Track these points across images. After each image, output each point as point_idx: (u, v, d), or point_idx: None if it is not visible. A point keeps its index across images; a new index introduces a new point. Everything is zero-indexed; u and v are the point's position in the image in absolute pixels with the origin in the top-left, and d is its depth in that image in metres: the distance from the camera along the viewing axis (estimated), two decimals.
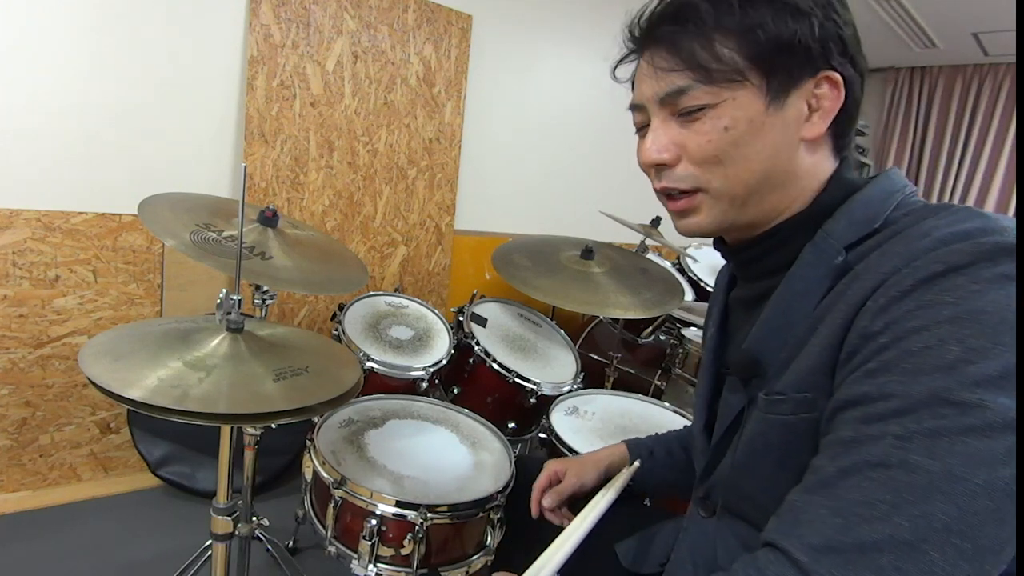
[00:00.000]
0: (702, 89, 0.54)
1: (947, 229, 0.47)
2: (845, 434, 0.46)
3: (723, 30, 0.53)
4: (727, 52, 0.53)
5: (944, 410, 0.41)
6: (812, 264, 0.55)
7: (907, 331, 0.44)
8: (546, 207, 2.53)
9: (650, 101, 0.59)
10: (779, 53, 0.53)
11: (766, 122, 0.54)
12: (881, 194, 0.55)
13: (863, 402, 0.45)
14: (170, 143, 1.64)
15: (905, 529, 0.40)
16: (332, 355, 0.94)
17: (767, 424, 0.56)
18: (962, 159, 3.39)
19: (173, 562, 1.28)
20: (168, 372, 0.73)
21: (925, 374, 0.43)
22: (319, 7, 1.75)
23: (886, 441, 0.43)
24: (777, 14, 0.52)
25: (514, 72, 2.29)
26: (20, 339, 1.52)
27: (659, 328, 2.07)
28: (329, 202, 1.90)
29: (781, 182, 0.57)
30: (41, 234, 1.49)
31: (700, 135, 0.55)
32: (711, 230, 0.60)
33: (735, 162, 0.55)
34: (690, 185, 0.58)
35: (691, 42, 0.54)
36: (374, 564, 0.96)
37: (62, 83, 1.47)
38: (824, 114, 0.55)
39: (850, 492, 0.44)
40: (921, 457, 0.41)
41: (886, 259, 0.49)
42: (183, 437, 1.67)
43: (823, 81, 0.54)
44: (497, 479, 1.07)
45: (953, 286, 0.44)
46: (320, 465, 1.02)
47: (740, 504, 0.63)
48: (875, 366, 0.45)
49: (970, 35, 2.93)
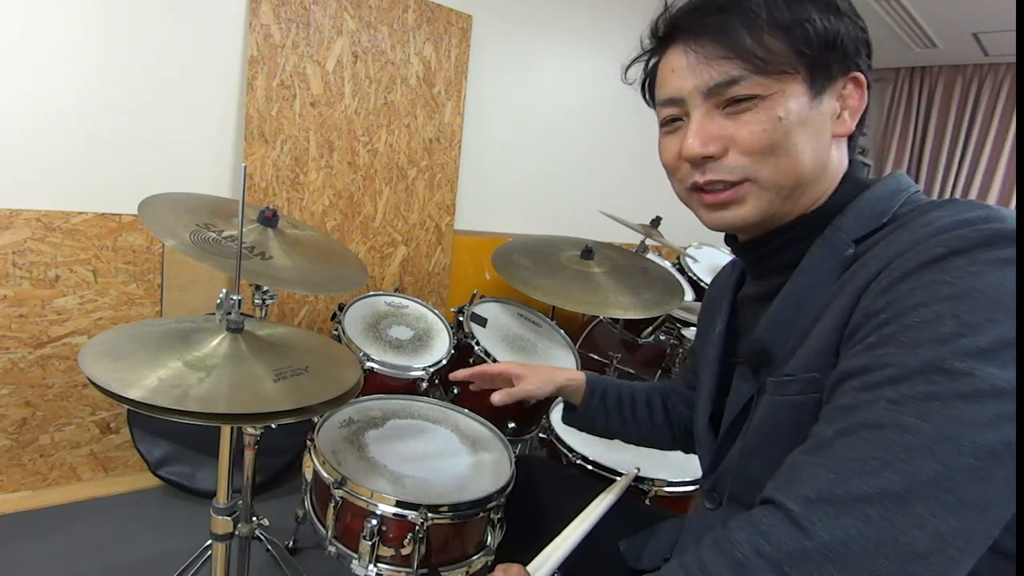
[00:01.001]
0: (755, 79, 0.54)
1: (950, 218, 0.49)
2: (843, 402, 0.48)
3: (773, 23, 0.54)
4: (776, 44, 0.54)
5: (936, 377, 0.43)
6: (822, 258, 0.57)
7: (907, 307, 0.46)
8: (546, 207, 2.53)
9: (692, 92, 0.58)
10: (824, 49, 0.54)
11: (810, 115, 0.56)
12: (889, 192, 0.57)
13: (862, 372, 0.47)
14: (170, 143, 1.64)
15: (894, 483, 0.42)
16: (332, 355, 0.94)
17: (775, 406, 0.58)
18: (962, 159, 3.39)
19: (173, 562, 1.28)
20: (168, 372, 0.73)
21: (920, 346, 0.45)
22: (319, 7, 1.75)
23: (880, 405, 0.45)
24: (822, 12, 0.54)
25: (514, 72, 2.29)
26: (20, 339, 1.52)
27: (659, 328, 2.07)
28: (329, 202, 1.90)
29: (819, 175, 0.59)
30: (41, 234, 1.49)
31: (754, 124, 0.55)
32: (754, 221, 0.60)
33: (787, 152, 0.56)
34: (739, 176, 0.57)
35: (742, 32, 0.55)
36: (374, 564, 0.96)
37: (62, 83, 1.47)
38: (853, 112, 0.57)
39: (844, 451, 0.46)
40: (913, 419, 0.43)
41: (890, 246, 0.51)
42: (183, 437, 1.67)
43: (850, 81, 0.57)
44: (497, 479, 1.07)
45: (953, 267, 0.46)
46: (320, 465, 1.02)
47: (746, 490, 0.64)
48: (875, 340, 0.48)
49: (970, 35, 2.93)
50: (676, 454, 1.28)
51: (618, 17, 2.46)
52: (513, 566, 0.68)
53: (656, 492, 1.12)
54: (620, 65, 0.69)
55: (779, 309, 0.60)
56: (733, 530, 0.50)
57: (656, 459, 1.23)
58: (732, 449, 0.66)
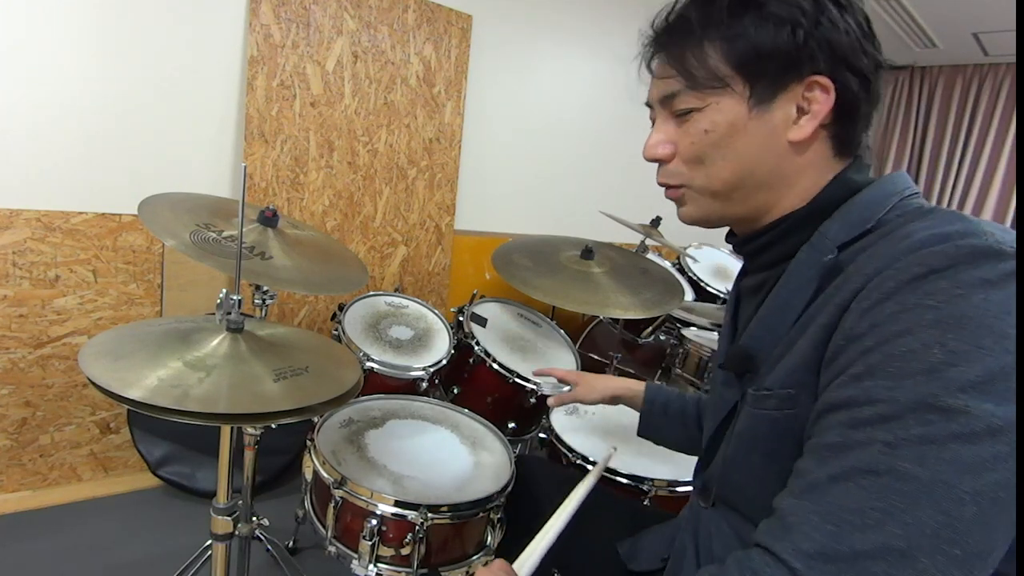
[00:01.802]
0: (690, 94, 0.59)
1: (927, 231, 0.48)
2: (832, 439, 0.47)
3: (710, 39, 0.57)
4: (713, 61, 0.57)
5: (930, 416, 0.42)
6: (806, 264, 0.57)
7: (891, 334, 0.45)
8: (546, 207, 2.53)
9: (654, 101, 0.64)
10: (759, 60, 0.56)
11: (748, 125, 0.57)
12: (879, 196, 0.56)
13: (849, 406, 0.46)
14: (170, 143, 1.64)
15: (898, 537, 0.41)
16: (332, 355, 0.94)
17: (755, 419, 0.59)
18: (962, 159, 3.39)
19: (173, 562, 1.29)
20: (168, 372, 0.73)
21: (909, 378, 0.43)
22: (319, 7, 1.75)
23: (875, 448, 0.44)
24: (760, 24, 0.55)
25: (514, 72, 2.29)
26: (20, 339, 1.52)
27: (659, 328, 2.07)
28: (329, 202, 1.90)
29: (765, 182, 0.60)
30: (41, 234, 1.49)
31: (687, 135, 0.61)
32: (698, 220, 0.65)
33: (714, 162, 0.60)
34: (677, 181, 0.63)
35: (683, 50, 0.59)
36: (374, 564, 0.96)
37: (62, 83, 1.47)
38: (812, 117, 0.57)
39: (840, 498, 0.44)
40: (910, 464, 0.42)
41: (871, 260, 0.50)
42: (183, 437, 1.67)
43: (814, 85, 0.56)
44: (497, 479, 1.07)
45: (935, 289, 0.44)
46: (320, 465, 1.02)
47: (732, 496, 0.65)
48: (860, 369, 0.46)
49: (970, 35, 2.92)
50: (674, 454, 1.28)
51: (618, 17, 2.45)
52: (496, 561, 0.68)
53: (655, 492, 1.12)
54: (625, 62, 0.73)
55: (764, 314, 0.60)
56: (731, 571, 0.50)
57: (654, 459, 1.23)
58: (717, 454, 0.67)
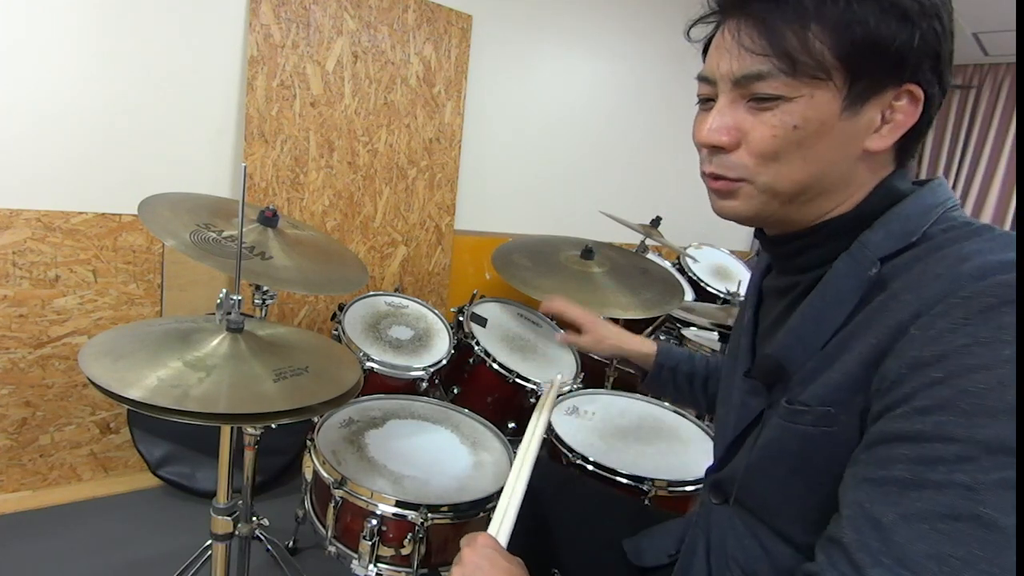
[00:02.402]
0: (782, 79, 0.51)
1: (991, 256, 0.46)
2: (899, 474, 0.45)
3: (821, 20, 0.49)
4: (818, 45, 0.50)
5: (1007, 459, 0.41)
6: (845, 275, 0.54)
7: (963, 368, 0.43)
8: (546, 207, 2.53)
9: (723, 78, 0.55)
10: (872, 56, 0.49)
11: (836, 127, 0.52)
12: (922, 207, 0.53)
13: (916, 440, 0.44)
14: (170, 143, 1.64)
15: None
16: (332, 355, 0.94)
17: (786, 432, 0.56)
18: (962, 159, 3.39)
19: (173, 562, 1.28)
20: (168, 372, 0.73)
21: (987, 417, 0.42)
22: (319, 7, 1.75)
23: (953, 491, 0.42)
24: (883, 15, 0.49)
25: (514, 72, 2.29)
26: (20, 339, 1.52)
27: (659, 328, 2.07)
28: (329, 202, 1.90)
29: (831, 188, 0.55)
30: (41, 234, 1.49)
31: (766, 126, 0.53)
32: (746, 218, 0.58)
33: (792, 162, 0.53)
34: (738, 175, 0.55)
35: (784, 26, 0.50)
36: (374, 564, 0.96)
37: (62, 83, 1.47)
38: (895, 128, 0.52)
39: (916, 542, 0.43)
40: (991, 510, 0.40)
41: (926, 280, 0.47)
42: (183, 437, 1.67)
43: (904, 94, 0.52)
44: (497, 479, 1.07)
45: (1010, 324, 0.42)
46: (320, 465, 1.02)
47: (750, 499, 0.63)
48: (928, 403, 0.44)
49: (970, 35, 2.93)
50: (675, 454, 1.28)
51: (618, 17, 2.45)
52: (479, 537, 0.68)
53: (655, 492, 1.12)
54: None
55: (797, 324, 0.57)
56: None
57: (654, 460, 1.23)
58: (737, 458, 0.65)
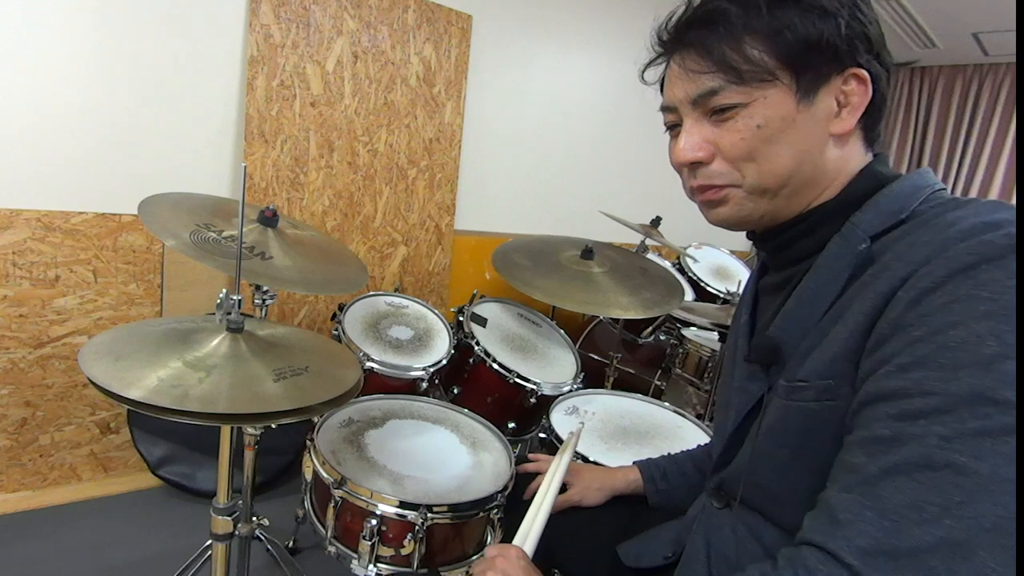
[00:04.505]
0: (734, 89, 0.56)
1: (976, 219, 0.47)
2: (882, 431, 0.46)
3: (752, 32, 0.55)
4: (757, 53, 0.55)
5: (986, 409, 0.42)
6: (837, 254, 0.56)
7: (942, 325, 0.44)
8: (546, 207, 2.53)
9: (682, 102, 0.60)
10: (807, 52, 0.54)
11: (797, 119, 0.56)
12: (910, 188, 0.56)
13: (898, 397, 0.45)
14: (170, 143, 1.64)
15: (957, 531, 0.41)
16: (332, 355, 0.94)
17: (787, 411, 0.57)
18: (962, 159, 3.39)
19: (173, 562, 1.28)
20: (168, 372, 0.73)
21: (963, 369, 0.43)
22: (319, 7, 1.75)
23: (930, 441, 0.43)
24: (804, 15, 0.54)
25: (514, 72, 2.29)
26: (20, 339, 1.52)
27: (659, 328, 2.07)
28: (329, 202, 1.90)
29: (811, 175, 0.58)
30: (41, 234, 1.49)
31: (733, 133, 0.57)
32: (738, 221, 0.61)
33: (768, 158, 0.57)
34: (725, 181, 0.59)
35: (721, 45, 0.56)
36: (374, 564, 0.96)
37: (62, 83, 1.46)
38: (853, 109, 0.57)
39: (896, 493, 0.44)
40: (967, 458, 0.41)
41: (915, 249, 0.49)
42: (183, 437, 1.67)
43: (851, 78, 0.56)
44: (497, 479, 1.07)
45: (988, 279, 0.44)
46: (320, 465, 1.02)
47: (755, 494, 0.63)
48: (908, 360, 0.45)
49: (970, 35, 2.92)
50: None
51: (618, 17, 2.45)
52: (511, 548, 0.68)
53: None
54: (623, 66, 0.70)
55: (794, 306, 0.59)
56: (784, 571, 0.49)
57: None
58: (741, 451, 0.65)
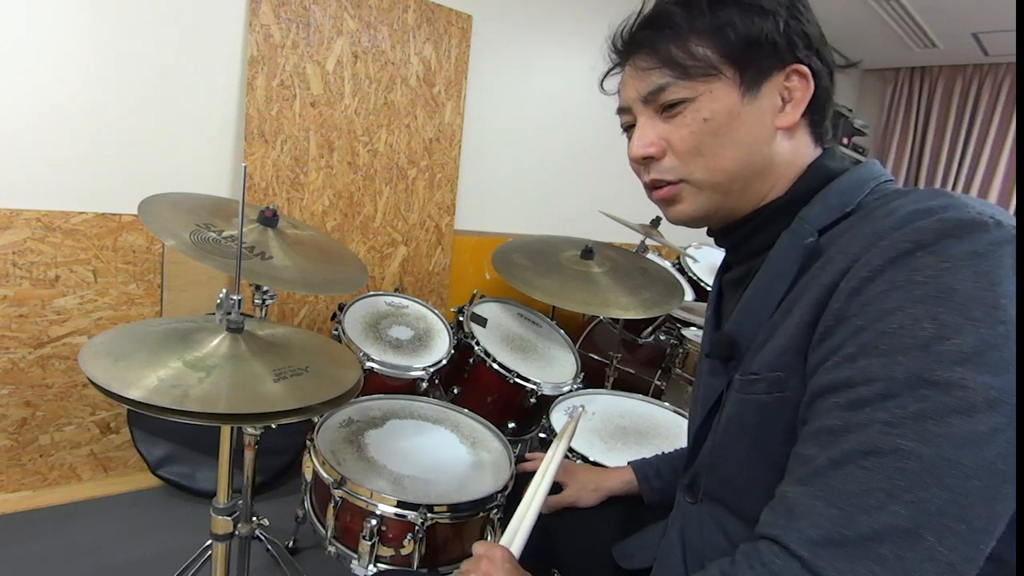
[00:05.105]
0: (680, 84, 0.58)
1: (911, 207, 0.48)
2: (831, 422, 0.46)
3: (696, 31, 0.58)
4: (701, 50, 0.57)
5: (926, 391, 0.42)
6: (787, 248, 0.57)
7: (881, 312, 0.45)
8: (546, 207, 2.53)
9: (634, 101, 0.63)
10: (748, 48, 0.56)
11: (742, 112, 0.57)
12: (857, 181, 0.57)
13: (844, 387, 0.46)
14: (170, 143, 1.64)
15: (902, 517, 0.41)
16: (332, 355, 0.94)
17: (743, 404, 0.58)
18: (962, 159, 3.39)
19: (173, 562, 1.28)
20: (168, 372, 0.73)
21: (902, 354, 0.43)
22: (319, 7, 1.75)
23: (875, 428, 0.43)
24: (744, 14, 0.57)
25: (514, 72, 2.29)
26: (20, 339, 1.52)
27: (659, 328, 2.07)
28: (329, 202, 1.90)
29: (761, 169, 0.59)
30: (41, 234, 1.49)
31: (682, 128, 0.59)
32: (694, 217, 0.63)
33: (715, 152, 0.58)
34: (675, 176, 0.61)
35: (668, 44, 0.59)
36: (374, 564, 0.96)
37: (62, 83, 1.46)
38: (796, 104, 0.58)
39: (844, 482, 0.44)
40: (911, 443, 0.42)
41: (855, 240, 0.50)
42: (183, 437, 1.67)
43: (792, 74, 0.58)
44: (497, 479, 1.07)
45: (923, 265, 0.44)
46: (320, 465, 1.02)
47: (719, 488, 0.64)
48: (853, 350, 0.46)
49: (970, 35, 2.93)
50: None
51: (618, 17, 2.44)
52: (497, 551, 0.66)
53: None
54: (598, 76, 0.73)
55: (747, 301, 0.60)
56: (741, 567, 0.49)
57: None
58: (705, 444, 0.66)
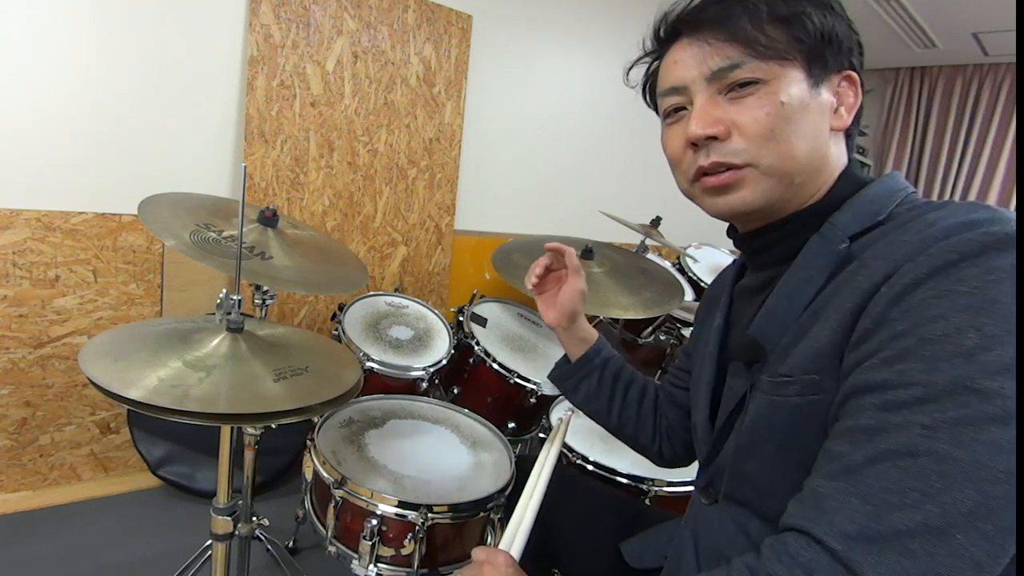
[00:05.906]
0: (756, 64, 0.56)
1: (955, 219, 0.48)
2: (867, 421, 0.47)
3: (772, 15, 0.56)
4: (776, 34, 0.56)
5: (967, 398, 0.43)
6: (817, 253, 0.57)
7: (924, 319, 0.46)
8: (546, 207, 2.53)
9: (695, 79, 0.59)
10: (820, 42, 0.56)
11: (811, 103, 0.57)
12: (886, 191, 0.58)
13: (883, 388, 0.46)
14: (170, 143, 1.64)
15: (935, 516, 0.42)
16: (332, 355, 0.94)
17: (772, 406, 0.57)
18: (962, 159, 3.39)
19: (173, 562, 1.28)
20: (168, 372, 0.73)
21: (945, 361, 0.44)
22: (319, 7, 1.75)
23: (913, 430, 0.44)
24: (818, 8, 0.56)
25: (514, 72, 2.29)
26: (20, 339, 1.52)
27: (659, 328, 2.07)
28: (329, 202, 1.90)
29: (820, 166, 0.59)
30: (41, 234, 1.49)
31: (756, 109, 0.56)
32: (752, 207, 0.59)
33: (787, 138, 0.56)
34: (743, 160, 0.57)
35: (743, 19, 0.56)
36: (374, 564, 0.96)
37: (62, 83, 1.46)
38: (848, 108, 0.59)
39: (879, 480, 0.45)
40: (948, 446, 0.43)
41: (895, 247, 0.50)
42: (183, 437, 1.67)
43: (844, 79, 0.58)
44: (497, 479, 1.07)
45: (969, 276, 0.45)
46: (320, 465, 1.02)
47: (741, 488, 0.63)
48: (893, 353, 0.46)
49: (970, 35, 2.92)
50: None
51: (618, 17, 2.46)
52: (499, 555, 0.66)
53: (655, 492, 1.12)
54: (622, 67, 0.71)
55: (773, 303, 0.60)
56: (769, 560, 0.49)
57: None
58: (726, 446, 0.66)
